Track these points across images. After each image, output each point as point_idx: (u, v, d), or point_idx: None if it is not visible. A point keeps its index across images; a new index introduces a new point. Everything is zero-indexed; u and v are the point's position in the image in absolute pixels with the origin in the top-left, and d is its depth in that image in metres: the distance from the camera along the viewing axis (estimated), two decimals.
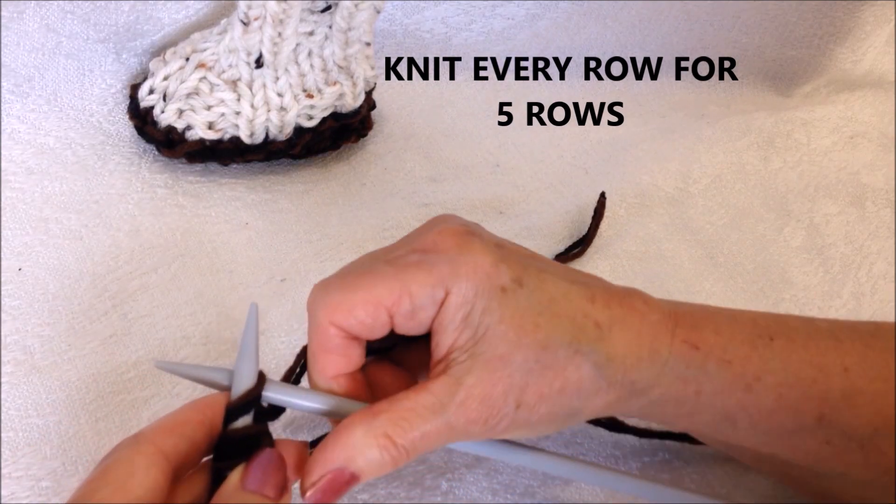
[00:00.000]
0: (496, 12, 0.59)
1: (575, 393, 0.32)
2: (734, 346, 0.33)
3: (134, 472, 0.28)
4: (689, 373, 0.33)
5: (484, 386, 0.31)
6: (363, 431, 0.30)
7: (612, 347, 0.32)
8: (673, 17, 0.62)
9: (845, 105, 0.64)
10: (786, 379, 0.33)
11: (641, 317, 0.33)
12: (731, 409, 0.33)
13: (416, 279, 0.31)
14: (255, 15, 0.46)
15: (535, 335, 0.31)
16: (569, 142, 0.59)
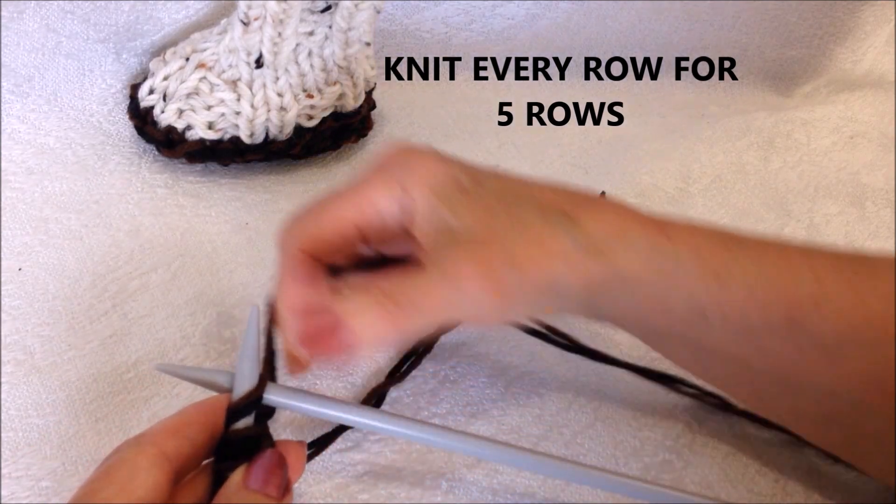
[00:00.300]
0: (496, 12, 0.59)
1: (559, 258, 0.32)
2: (705, 242, 0.34)
3: (136, 473, 0.28)
4: (660, 258, 0.33)
5: (475, 250, 0.31)
6: (363, 290, 0.30)
7: (582, 226, 0.33)
8: (673, 17, 0.62)
9: (845, 105, 0.64)
10: (756, 277, 0.33)
11: (609, 205, 0.34)
12: (703, 302, 0.33)
13: (376, 187, 0.32)
14: (255, 15, 0.46)
15: (508, 214, 0.32)
16: (569, 142, 0.59)
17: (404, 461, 0.40)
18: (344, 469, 0.40)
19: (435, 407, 0.42)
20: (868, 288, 0.34)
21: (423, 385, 0.43)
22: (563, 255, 0.32)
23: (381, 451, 0.40)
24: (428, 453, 0.40)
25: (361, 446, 0.40)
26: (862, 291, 0.34)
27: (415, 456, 0.40)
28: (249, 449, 0.30)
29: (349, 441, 0.40)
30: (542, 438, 0.42)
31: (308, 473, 0.39)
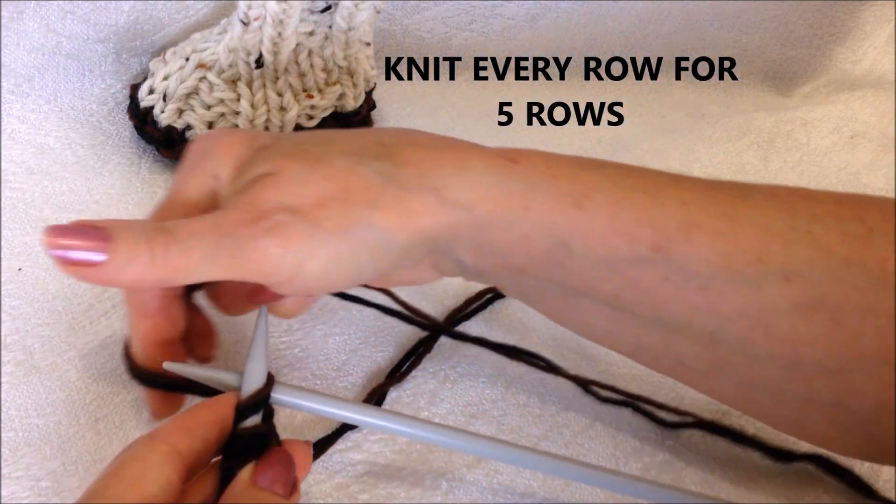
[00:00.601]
0: (496, 12, 0.59)
1: (362, 200, 0.29)
2: (559, 166, 0.32)
3: (148, 470, 0.28)
4: (512, 185, 0.31)
5: (251, 193, 0.30)
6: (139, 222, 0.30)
7: (399, 159, 0.31)
8: (673, 17, 0.62)
9: (845, 105, 0.64)
10: (616, 199, 0.31)
11: (444, 139, 0.32)
12: (563, 230, 0.31)
13: (188, 185, 0.32)
14: (255, 15, 0.46)
15: (305, 156, 0.30)
16: (569, 142, 0.59)
17: (404, 461, 0.40)
18: (344, 469, 0.40)
19: (435, 407, 0.42)
20: (741, 215, 0.31)
21: (423, 385, 0.43)
22: (379, 197, 0.30)
23: (381, 451, 0.40)
24: (428, 453, 0.41)
25: (361, 446, 0.40)
26: (734, 218, 0.31)
27: (415, 456, 0.40)
28: (257, 447, 0.30)
29: (349, 441, 0.40)
30: (542, 438, 0.42)
31: (308, 473, 0.39)
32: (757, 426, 0.42)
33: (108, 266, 0.28)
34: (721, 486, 0.41)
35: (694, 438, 0.42)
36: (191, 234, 0.29)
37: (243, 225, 0.29)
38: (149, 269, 0.28)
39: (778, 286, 0.30)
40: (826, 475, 0.41)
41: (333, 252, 0.29)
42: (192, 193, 0.32)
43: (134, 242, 0.28)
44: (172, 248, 0.28)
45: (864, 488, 0.41)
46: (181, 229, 0.29)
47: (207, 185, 0.32)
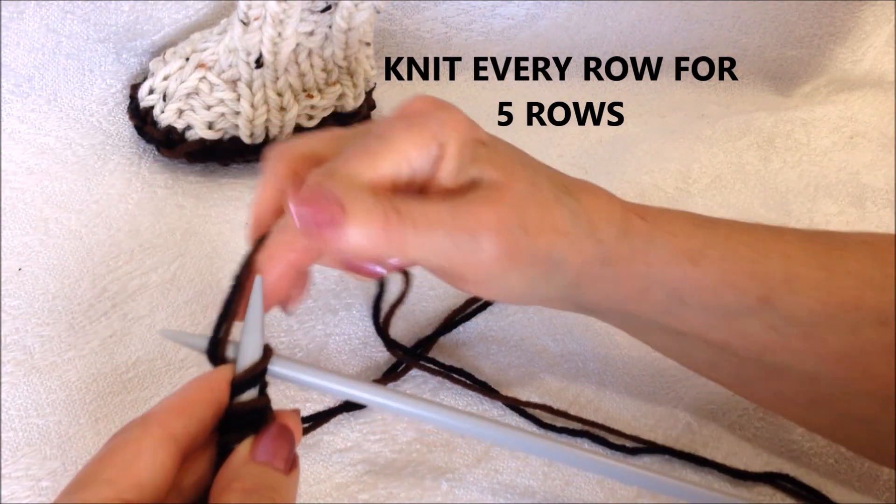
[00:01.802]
0: (496, 12, 0.59)
1: (563, 233, 0.33)
2: (678, 224, 0.35)
3: (141, 454, 0.27)
4: (639, 243, 0.34)
5: (491, 198, 0.32)
6: (372, 191, 0.30)
7: (581, 203, 0.34)
8: (673, 17, 0.62)
9: (845, 105, 0.64)
10: (728, 255, 0.34)
11: (597, 189, 0.35)
12: (679, 284, 0.34)
13: (413, 142, 0.31)
14: (255, 15, 0.46)
15: (524, 173, 0.33)
16: (569, 142, 0.59)
17: (404, 461, 0.40)
18: (344, 469, 0.40)
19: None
20: (839, 265, 0.34)
21: (423, 385, 0.43)
22: (566, 231, 0.33)
23: (381, 452, 0.40)
24: (428, 453, 0.41)
25: (362, 446, 0.40)
26: (832, 269, 0.34)
27: (415, 456, 0.40)
28: (254, 422, 0.30)
29: (349, 441, 0.40)
30: (543, 438, 0.42)
31: (308, 473, 0.39)
32: (710, 450, 0.43)
33: (341, 237, 0.29)
34: (721, 486, 0.41)
35: (693, 439, 0.42)
36: (429, 224, 0.30)
37: (477, 231, 0.31)
38: (378, 246, 0.30)
39: (874, 330, 0.33)
40: (785, 495, 0.41)
41: (533, 272, 0.33)
42: (408, 148, 0.31)
43: (369, 221, 0.29)
44: (409, 234, 0.30)
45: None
46: (419, 218, 0.30)
47: (430, 148, 0.31)
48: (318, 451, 0.40)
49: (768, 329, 0.34)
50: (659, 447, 0.42)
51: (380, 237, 0.29)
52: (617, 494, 0.40)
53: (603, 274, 0.34)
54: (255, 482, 0.28)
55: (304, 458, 0.40)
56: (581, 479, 0.41)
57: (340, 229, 0.29)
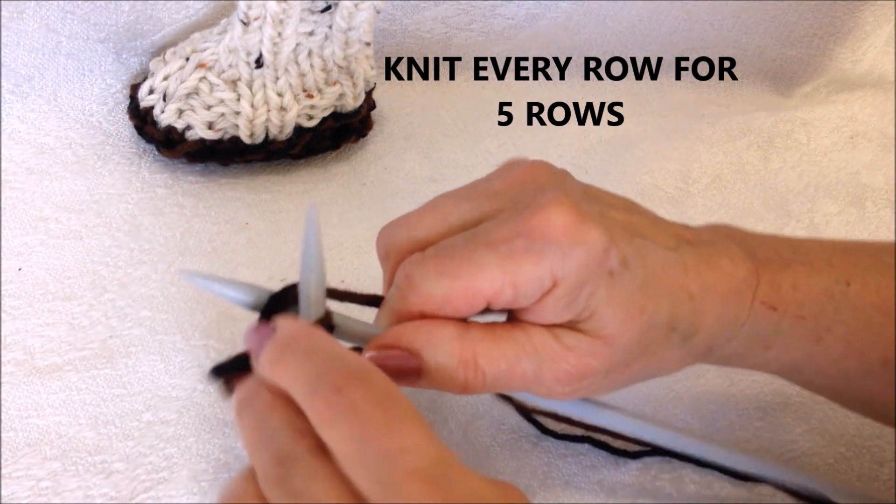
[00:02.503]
0: (496, 12, 0.59)
1: (658, 364, 0.32)
2: (810, 301, 0.33)
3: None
4: (762, 331, 0.33)
5: (582, 354, 0.30)
6: (453, 335, 0.29)
7: (700, 318, 0.31)
8: (673, 17, 0.62)
9: (845, 105, 0.64)
10: (856, 326, 0.33)
11: (730, 279, 0.32)
12: (798, 360, 0.34)
13: (524, 271, 0.29)
14: (255, 15, 0.46)
15: (640, 318, 0.30)
16: (569, 142, 0.59)
17: None
18: None
19: (435, 407, 0.42)
20: None
21: None
22: (675, 361, 0.33)
23: None
24: None
25: None
26: None
27: None
28: None
29: None
30: (543, 438, 0.42)
31: None
32: None
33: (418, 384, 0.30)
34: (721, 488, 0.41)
35: (654, 467, 0.42)
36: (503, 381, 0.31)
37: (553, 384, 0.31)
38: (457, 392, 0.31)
39: None
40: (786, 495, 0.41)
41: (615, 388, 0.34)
42: (518, 277, 0.29)
43: (446, 382, 0.30)
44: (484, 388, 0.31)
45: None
46: (496, 374, 0.30)
47: (542, 281, 0.29)
48: None
49: (886, 386, 0.34)
50: (660, 449, 0.42)
51: (457, 385, 0.30)
52: (617, 494, 0.40)
53: (705, 360, 0.34)
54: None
55: None
56: (581, 479, 0.41)
57: (417, 381, 0.30)
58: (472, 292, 0.29)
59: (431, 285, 0.29)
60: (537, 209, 0.29)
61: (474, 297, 0.29)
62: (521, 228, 0.29)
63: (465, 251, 0.29)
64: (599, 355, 0.30)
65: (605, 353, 0.31)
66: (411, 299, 0.30)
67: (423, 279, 0.29)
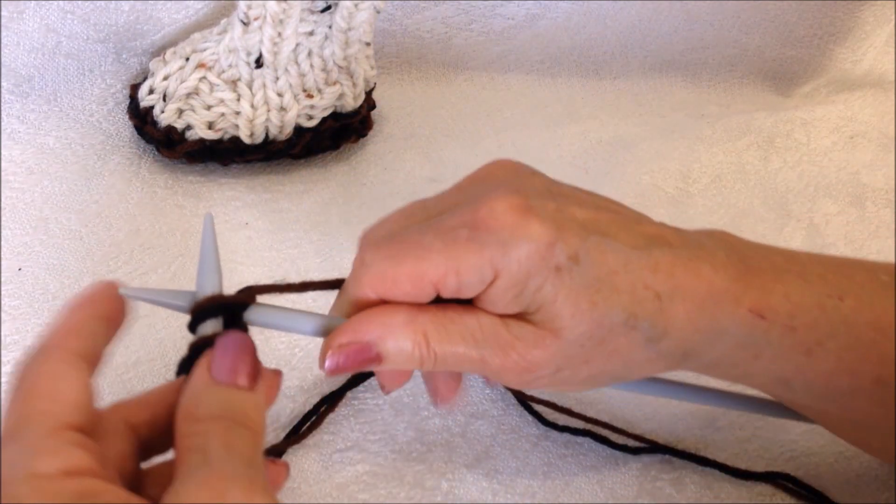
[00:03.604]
0: (496, 12, 0.59)
1: (622, 363, 0.32)
2: (802, 312, 0.32)
3: (59, 378, 0.26)
4: (749, 340, 0.32)
5: (529, 345, 0.31)
6: (404, 319, 0.30)
7: (669, 320, 0.31)
8: (673, 17, 0.62)
9: (845, 105, 0.64)
10: (848, 342, 0.32)
11: (708, 284, 0.31)
12: (788, 373, 0.33)
13: (465, 259, 0.30)
14: (255, 15, 0.46)
15: (591, 313, 0.30)
16: (569, 142, 0.59)
17: (404, 461, 0.40)
18: (344, 469, 0.40)
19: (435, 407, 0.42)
20: None
21: (423, 385, 0.43)
22: (644, 362, 0.32)
23: (380, 451, 0.40)
24: (428, 453, 0.41)
25: (362, 446, 0.40)
26: None
27: (415, 456, 0.40)
28: None
29: (349, 441, 0.40)
30: (543, 438, 0.42)
31: (308, 473, 0.39)
32: (711, 450, 0.43)
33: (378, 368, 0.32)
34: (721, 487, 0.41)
35: (654, 467, 0.42)
36: (457, 359, 0.31)
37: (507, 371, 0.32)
38: (415, 369, 0.32)
39: None
40: (786, 495, 0.41)
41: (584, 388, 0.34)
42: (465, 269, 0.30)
43: (404, 361, 0.31)
44: (439, 364, 0.31)
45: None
46: (448, 353, 0.31)
47: (482, 271, 0.30)
48: (318, 451, 0.40)
49: (877, 405, 0.33)
50: (661, 446, 0.42)
51: (415, 363, 0.31)
52: (617, 494, 0.40)
53: (688, 366, 0.33)
54: (217, 408, 0.26)
55: (305, 458, 0.40)
56: (581, 479, 0.41)
57: (380, 366, 0.31)
58: (418, 276, 0.30)
59: (381, 266, 0.30)
60: (485, 202, 0.30)
61: (421, 281, 0.30)
62: (468, 219, 0.30)
63: (414, 237, 0.31)
64: (547, 348, 0.31)
65: (554, 346, 0.30)
66: (364, 280, 0.31)
67: (373, 261, 0.31)
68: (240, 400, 0.27)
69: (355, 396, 0.42)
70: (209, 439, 0.25)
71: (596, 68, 0.64)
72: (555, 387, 0.33)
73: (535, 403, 0.42)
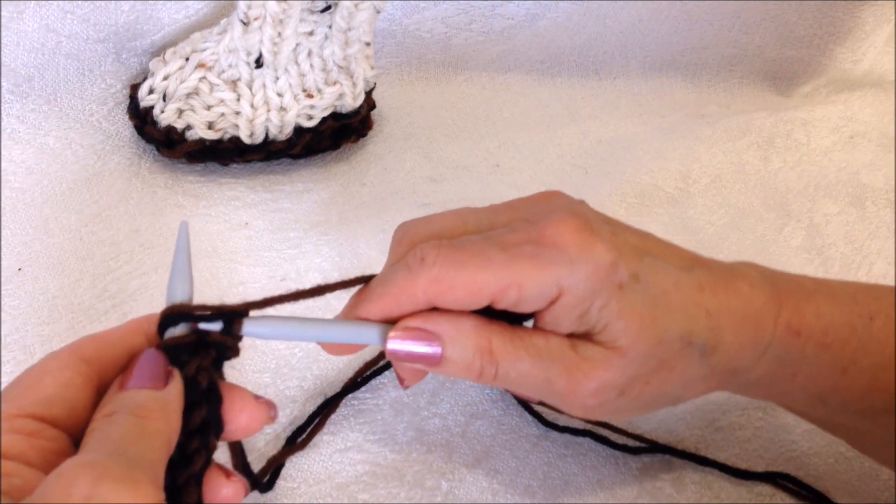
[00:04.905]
0: (496, 12, 0.59)
1: (679, 382, 0.32)
2: (835, 329, 0.33)
3: (46, 373, 0.27)
4: (787, 357, 0.33)
5: (597, 365, 0.31)
6: (473, 325, 0.31)
7: (719, 335, 0.32)
8: (673, 17, 0.62)
9: (845, 105, 0.64)
10: (882, 361, 0.33)
11: (747, 302, 0.33)
12: (824, 391, 0.34)
13: (530, 274, 0.30)
14: (255, 15, 0.46)
15: (653, 329, 0.31)
16: (569, 142, 0.59)
17: (404, 461, 0.40)
18: (344, 469, 0.40)
19: (435, 407, 0.42)
20: None
21: (423, 385, 0.43)
22: (698, 380, 0.32)
23: (380, 451, 0.40)
24: (428, 453, 0.41)
25: (362, 446, 0.40)
26: None
27: (415, 456, 0.40)
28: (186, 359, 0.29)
29: (349, 441, 0.40)
30: (543, 438, 0.42)
31: (308, 473, 0.39)
32: (711, 450, 0.43)
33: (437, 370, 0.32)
34: (721, 487, 0.41)
35: (654, 467, 0.42)
36: (520, 380, 0.31)
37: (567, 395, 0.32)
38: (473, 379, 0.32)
39: None
40: (786, 495, 0.41)
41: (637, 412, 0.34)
42: (528, 284, 0.30)
43: (464, 370, 0.31)
44: (499, 382, 0.32)
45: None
46: (512, 371, 0.31)
47: (547, 288, 0.30)
48: (318, 451, 0.40)
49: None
50: (661, 446, 0.42)
51: (473, 374, 0.31)
52: (617, 494, 0.40)
53: (734, 385, 0.34)
54: (116, 405, 0.26)
55: (304, 458, 0.40)
56: (581, 479, 0.41)
57: (437, 365, 0.31)
58: (478, 285, 0.30)
59: (441, 269, 0.30)
60: (550, 221, 0.31)
61: (479, 291, 0.30)
62: (533, 236, 0.31)
63: (477, 246, 0.31)
64: (613, 367, 0.31)
65: (620, 365, 0.31)
66: (419, 278, 0.30)
67: (434, 262, 0.30)
68: (136, 395, 0.27)
69: (355, 397, 0.42)
70: (91, 433, 0.25)
71: (596, 68, 0.64)
72: (615, 414, 0.33)
73: (535, 404, 0.42)
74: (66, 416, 0.26)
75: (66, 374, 0.27)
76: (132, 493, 0.22)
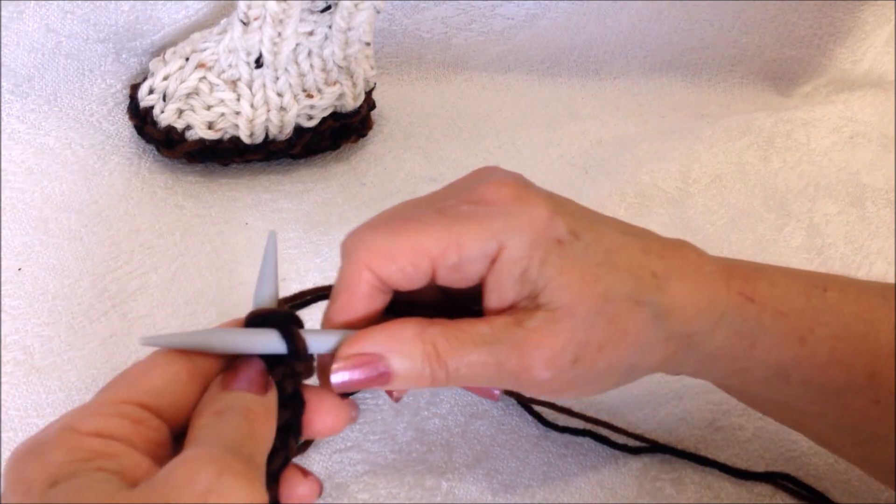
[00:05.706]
0: (496, 12, 0.59)
1: (634, 346, 0.31)
2: (790, 298, 0.33)
3: (153, 367, 0.28)
4: (744, 326, 0.33)
5: (544, 333, 0.30)
6: (414, 332, 0.30)
7: (670, 297, 0.31)
8: (673, 17, 0.62)
9: (845, 105, 0.64)
10: (838, 332, 0.33)
11: (696, 267, 0.32)
12: (784, 363, 0.33)
13: (468, 231, 0.30)
14: (255, 15, 0.46)
15: (597, 286, 0.30)
16: (569, 142, 0.59)
17: (404, 461, 0.40)
18: (344, 469, 0.40)
19: (435, 407, 0.42)
20: None
21: None
22: (640, 341, 0.31)
23: (380, 451, 0.40)
24: (428, 453, 0.41)
25: (362, 446, 0.40)
26: None
27: (415, 456, 0.40)
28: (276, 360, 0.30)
29: (349, 441, 0.40)
30: (542, 438, 0.42)
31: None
32: (711, 450, 0.43)
33: (387, 386, 0.31)
34: (721, 488, 0.41)
35: (654, 467, 0.42)
36: (471, 370, 0.30)
37: (522, 373, 0.30)
38: (426, 387, 0.31)
39: None
40: (786, 495, 0.41)
41: (597, 385, 0.32)
42: (468, 243, 0.30)
43: (415, 379, 0.30)
44: (452, 380, 0.30)
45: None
46: (462, 365, 0.30)
47: (486, 244, 0.30)
48: (318, 451, 0.40)
49: (873, 403, 0.33)
50: (661, 446, 0.42)
51: (425, 381, 0.30)
52: (617, 494, 0.40)
53: (693, 357, 0.33)
54: (225, 404, 0.27)
55: (304, 459, 0.40)
56: (581, 479, 0.41)
57: (388, 383, 0.30)
58: (417, 250, 0.30)
59: (377, 240, 0.30)
60: (486, 183, 0.31)
61: (419, 256, 0.30)
62: (466, 196, 0.31)
63: (412, 213, 0.31)
64: (561, 330, 0.30)
65: (567, 328, 0.30)
66: (358, 254, 0.30)
67: (368, 235, 0.30)
68: (243, 396, 0.28)
69: (355, 397, 0.42)
70: (203, 428, 0.26)
71: (596, 68, 0.64)
72: (574, 388, 0.32)
73: (535, 404, 0.42)
74: (170, 408, 0.27)
75: (173, 369, 0.28)
76: (248, 490, 0.24)
